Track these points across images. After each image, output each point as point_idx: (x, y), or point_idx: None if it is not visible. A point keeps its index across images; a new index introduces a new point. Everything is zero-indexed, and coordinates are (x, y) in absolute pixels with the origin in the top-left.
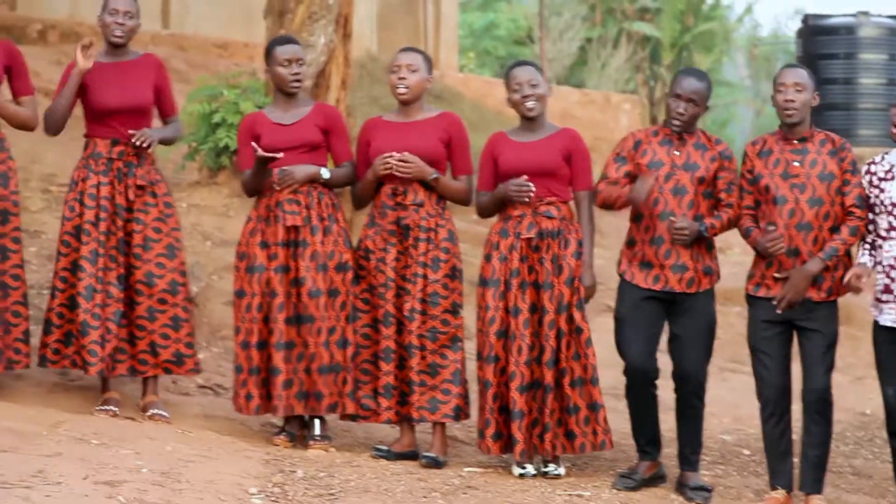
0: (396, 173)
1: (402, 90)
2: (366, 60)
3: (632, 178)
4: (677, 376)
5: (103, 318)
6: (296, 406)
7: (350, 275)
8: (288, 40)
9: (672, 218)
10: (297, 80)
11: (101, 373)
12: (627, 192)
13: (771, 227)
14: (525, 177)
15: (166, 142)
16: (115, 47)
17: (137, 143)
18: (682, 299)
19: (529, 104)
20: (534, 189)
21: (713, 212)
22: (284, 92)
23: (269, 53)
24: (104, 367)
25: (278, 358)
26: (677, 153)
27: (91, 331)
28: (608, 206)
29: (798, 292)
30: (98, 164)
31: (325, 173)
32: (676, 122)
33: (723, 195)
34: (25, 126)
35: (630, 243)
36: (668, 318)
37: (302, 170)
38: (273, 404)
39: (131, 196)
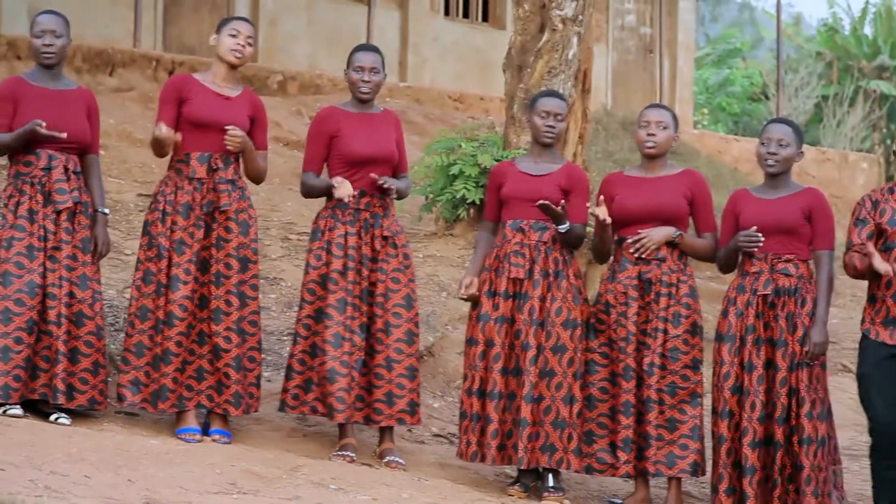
0: (641, 253)
1: (650, 145)
2: (601, 115)
3: (877, 237)
4: None
5: (350, 365)
6: (512, 457)
7: (579, 331)
8: None
9: None
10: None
11: (348, 420)
12: (869, 263)
13: None
14: (755, 227)
15: (398, 194)
16: (362, 102)
17: (384, 186)
18: None
19: (770, 162)
20: (762, 239)
21: None
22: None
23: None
24: (350, 415)
25: (490, 407)
26: None
27: (339, 378)
28: (859, 276)
29: None
30: (345, 215)
31: (563, 228)
32: None
33: None
34: (259, 178)
35: (871, 300)
36: None
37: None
38: (484, 453)
39: (377, 246)
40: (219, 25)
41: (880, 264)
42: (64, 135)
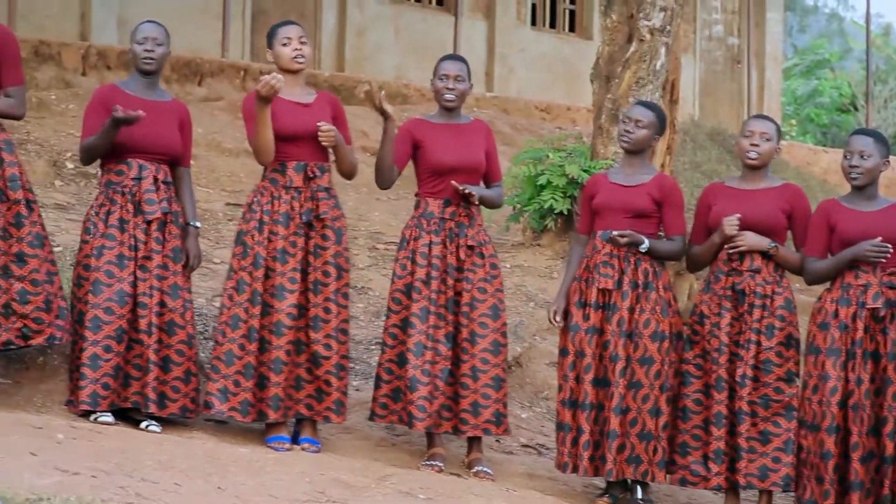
0: (732, 250)
1: (753, 156)
2: (688, 126)
3: None
4: None
5: (432, 374)
6: (600, 468)
7: (667, 344)
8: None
9: None
10: None
11: (429, 428)
12: None
13: None
14: (880, 238)
15: (488, 203)
16: (448, 110)
17: (464, 192)
18: None
19: (853, 174)
20: (891, 251)
21: None
22: None
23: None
24: (431, 423)
25: (582, 418)
26: None
27: (420, 386)
28: None
29: None
30: (430, 224)
31: (644, 248)
32: None
33: None
34: (352, 173)
35: None
36: None
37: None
38: (577, 464)
39: (462, 256)
40: (268, 39)
41: None
42: (141, 113)
